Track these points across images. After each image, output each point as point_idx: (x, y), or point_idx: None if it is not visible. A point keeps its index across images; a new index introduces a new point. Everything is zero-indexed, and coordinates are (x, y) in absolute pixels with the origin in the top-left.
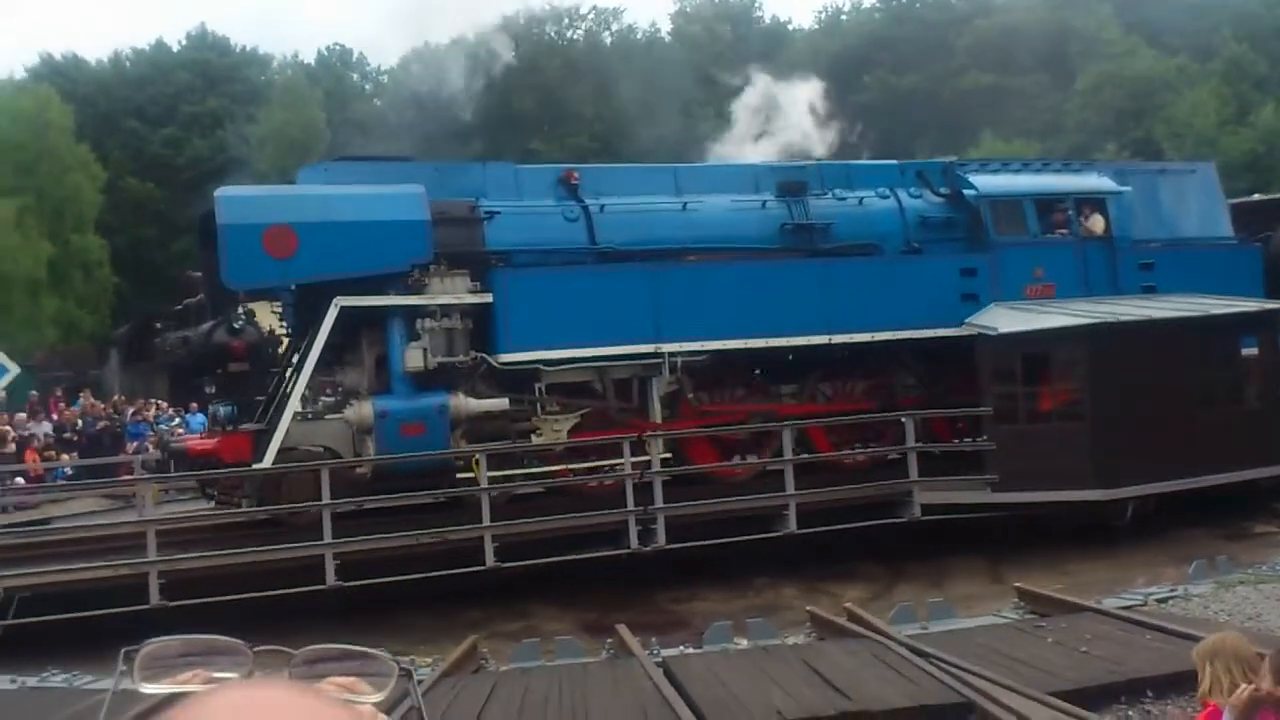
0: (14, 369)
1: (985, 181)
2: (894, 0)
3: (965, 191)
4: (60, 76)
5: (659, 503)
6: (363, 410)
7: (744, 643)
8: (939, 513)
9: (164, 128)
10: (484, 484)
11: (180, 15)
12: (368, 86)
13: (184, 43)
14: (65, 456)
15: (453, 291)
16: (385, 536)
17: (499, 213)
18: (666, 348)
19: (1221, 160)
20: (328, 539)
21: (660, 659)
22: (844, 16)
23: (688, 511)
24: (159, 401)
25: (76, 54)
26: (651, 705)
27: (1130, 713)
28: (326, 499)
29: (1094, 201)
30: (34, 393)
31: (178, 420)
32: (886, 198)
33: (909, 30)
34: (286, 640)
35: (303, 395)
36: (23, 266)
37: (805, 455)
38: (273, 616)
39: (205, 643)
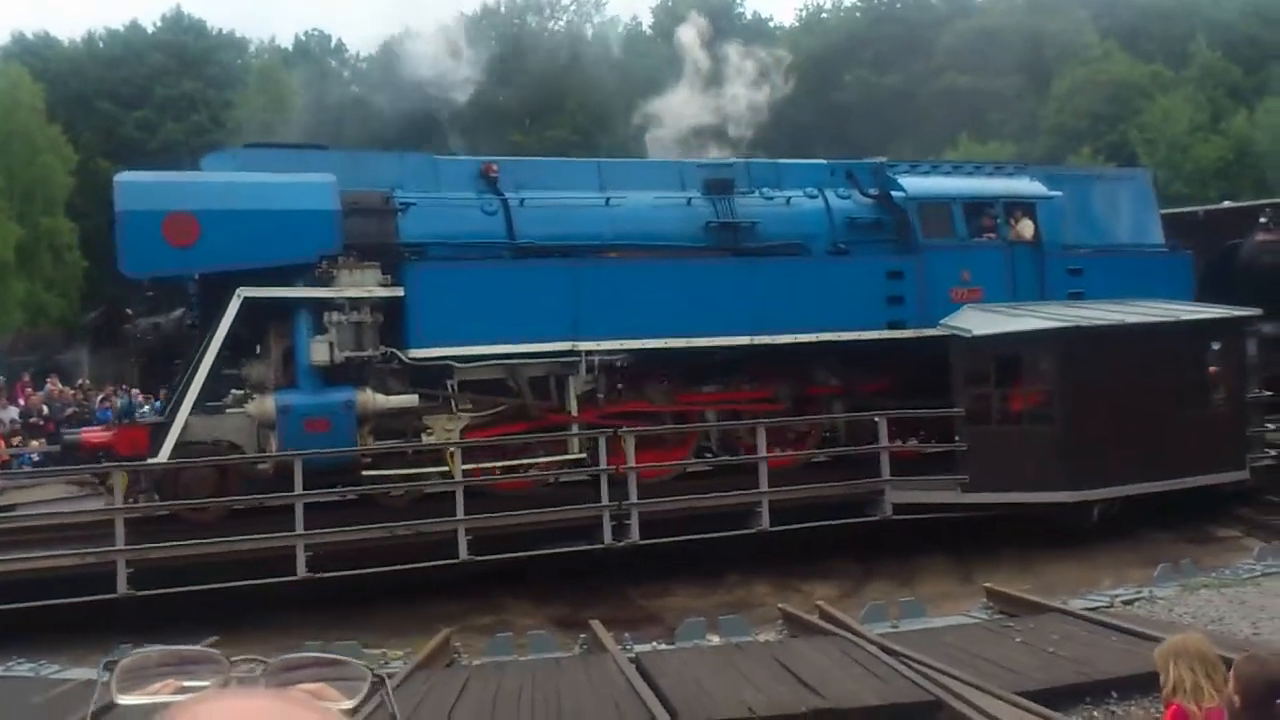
0: None
1: (914, 184)
2: None
3: (893, 193)
4: (32, 56)
5: (633, 498)
6: (265, 404)
7: (716, 639)
8: (910, 512)
9: (137, 110)
10: (458, 477)
11: None
12: (346, 73)
13: (159, 24)
14: (34, 443)
15: (362, 284)
16: (358, 528)
17: (414, 204)
18: (584, 346)
19: (1193, 167)
20: (299, 530)
21: (633, 654)
22: (824, 15)
23: (661, 508)
24: (129, 387)
25: (49, 33)
26: (624, 700)
27: (1095, 713)
28: (299, 489)
29: (1024, 206)
30: (1, 378)
31: (146, 407)
32: (814, 197)
33: (889, 29)
34: (258, 631)
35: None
36: None
37: (778, 452)
38: (242, 608)
39: (182, 653)
